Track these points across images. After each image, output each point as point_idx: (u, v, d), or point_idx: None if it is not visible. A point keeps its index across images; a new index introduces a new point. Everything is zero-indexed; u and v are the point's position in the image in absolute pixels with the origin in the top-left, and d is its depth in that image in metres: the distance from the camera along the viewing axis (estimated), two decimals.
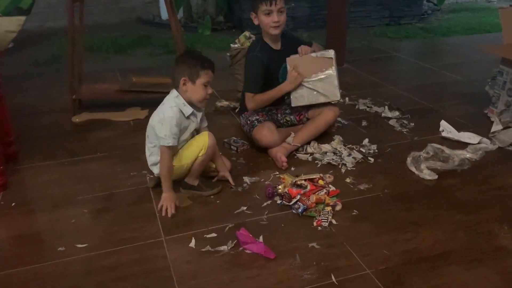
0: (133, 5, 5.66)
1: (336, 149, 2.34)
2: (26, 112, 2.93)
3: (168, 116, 1.85)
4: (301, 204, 1.85)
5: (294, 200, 1.88)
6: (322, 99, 2.35)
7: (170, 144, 1.85)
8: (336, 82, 2.32)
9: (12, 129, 2.29)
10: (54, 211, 1.89)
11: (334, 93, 2.33)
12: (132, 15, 5.71)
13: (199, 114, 2.00)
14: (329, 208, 1.83)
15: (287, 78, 2.32)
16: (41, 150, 2.43)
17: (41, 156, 2.35)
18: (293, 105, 2.39)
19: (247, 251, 1.62)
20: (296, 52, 2.33)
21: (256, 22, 2.33)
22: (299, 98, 2.37)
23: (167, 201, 1.86)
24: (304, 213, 1.83)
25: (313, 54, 2.32)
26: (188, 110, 1.91)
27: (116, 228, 1.77)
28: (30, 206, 1.95)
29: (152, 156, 1.96)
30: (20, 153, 2.33)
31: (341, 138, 2.45)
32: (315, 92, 2.34)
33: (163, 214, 1.83)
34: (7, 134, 2.25)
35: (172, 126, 1.85)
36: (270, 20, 2.26)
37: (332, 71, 2.31)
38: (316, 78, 2.32)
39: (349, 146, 2.39)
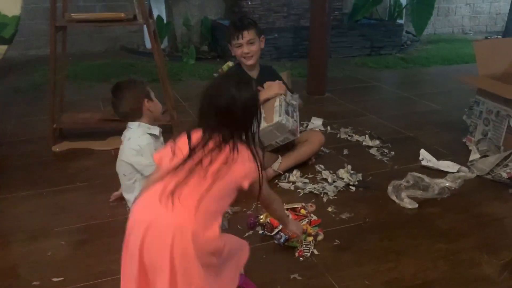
0: (117, 34, 5.69)
1: (344, 178, 2.35)
2: (5, 140, 2.88)
3: (145, 144, 1.85)
4: (283, 234, 1.83)
5: (276, 230, 1.87)
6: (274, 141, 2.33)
7: None
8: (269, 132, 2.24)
9: None
10: (30, 243, 1.84)
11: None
12: (116, 44, 5.74)
13: (161, 136, 2.02)
14: (311, 238, 1.83)
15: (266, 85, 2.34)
16: (19, 179, 2.38)
17: (19, 186, 2.30)
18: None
19: None
20: None
21: (232, 53, 2.42)
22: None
23: None
24: (286, 243, 1.81)
25: (277, 107, 2.24)
26: (155, 130, 1.93)
27: (93, 260, 1.73)
28: (6, 237, 1.90)
29: (133, 192, 1.92)
30: None
31: (350, 167, 2.45)
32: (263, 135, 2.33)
33: None
34: None
35: (152, 152, 1.83)
36: (241, 52, 2.34)
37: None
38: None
39: (352, 172, 2.42)
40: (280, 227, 1.87)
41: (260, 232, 1.90)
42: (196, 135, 1.29)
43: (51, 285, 1.59)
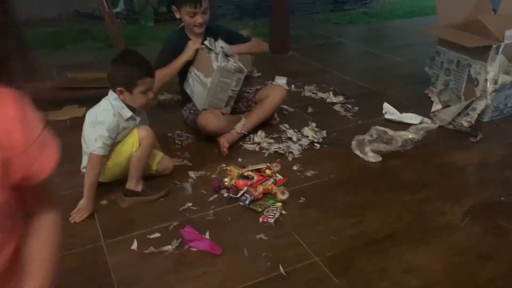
0: None
1: (308, 136, 2.32)
2: None
3: (100, 121, 1.73)
4: (248, 196, 1.81)
5: (241, 192, 1.84)
6: (193, 100, 2.31)
7: (96, 152, 1.73)
8: (204, 95, 2.20)
9: None
10: None
11: (200, 103, 2.26)
12: (70, 9, 5.43)
13: (140, 117, 1.87)
14: (279, 204, 1.79)
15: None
16: None
17: None
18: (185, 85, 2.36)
19: (193, 249, 1.56)
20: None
21: (177, 16, 2.27)
22: (186, 85, 2.35)
23: (83, 210, 1.74)
24: (251, 205, 1.78)
25: (212, 55, 2.18)
26: (127, 113, 1.79)
27: None
28: None
29: (86, 156, 1.83)
30: None
31: (314, 124, 2.42)
32: (191, 90, 2.30)
33: (71, 220, 1.72)
34: None
35: (103, 131, 1.72)
36: (194, 21, 2.23)
37: (207, 84, 2.17)
38: (198, 76, 2.23)
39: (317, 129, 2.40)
40: (245, 189, 1.83)
41: (225, 195, 1.86)
42: None
43: None
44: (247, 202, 1.79)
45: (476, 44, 2.35)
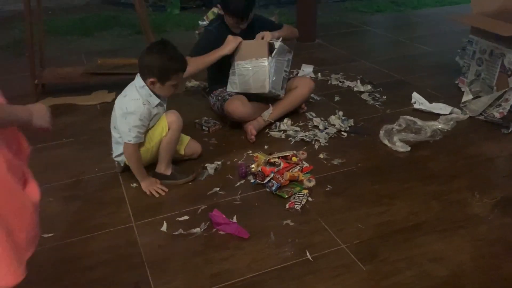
0: None
1: (335, 124, 2.32)
2: None
3: (132, 111, 1.74)
4: (275, 182, 1.82)
5: (268, 179, 1.85)
6: (251, 91, 2.25)
7: (132, 142, 1.76)
8: (266, 75, 2.18)
9: None
10: None
11: (263, 86, 2.21)
12: None
13: (165, 102, 1.89)
14: (305, 191, 1.80)
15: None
16: None
17: None
18: (227, 90, 2.31)
19: (221, 232, 1.59)
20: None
21: (221, 11, 2.29)
22: (232, 85, 2.28)
23: (149, 187, 1.82)
24: (277, 191, 1.80)
25: (253, 41, 2.22)
26: (155, 101, 1.80)
27: (84, 215, 1.71)
28: None
29: (118, 145, 1.87)
30: None
31: (341, 113, 2.42)
32: (245, 81, 2.24)
33: (157, 196, 1.80)
34: None
35: (135, 121, 1.75)
36: (234, 22, 2.26)
37: (264, 63, 2.17)
38: (249, 64, 2.20)
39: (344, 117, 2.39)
40: (272, 175, 1.85)
41: (252, 181, 1.88)
42: None
43: (42, 241, 1.55)
44: (274, 189, 1.80)
45: (511, 33, 2.28)
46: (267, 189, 1.82)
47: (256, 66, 2.19)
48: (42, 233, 1.59)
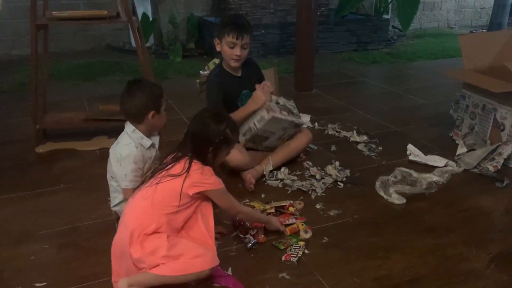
0: (103, 32, 5.61)
1: (332, 174, 2.34)
2: None
3: (125, 156, 1.76)
4: (252, 239, 1.79)
5: (250, 234, 1.82)
6: (252, 123, 2.28)
7: (129, 187, 1.77)
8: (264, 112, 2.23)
9: None
10: (13, 247, 1.79)
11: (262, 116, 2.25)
12: (101, 42, 5.66)
13: (157, 140, 1.91)
14: (302, 243, 1.78)
15: (252, 97, 2.31)
16: (1, 182, 2.33)
17: (1, 189, 2.25)
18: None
19: (216, 285, 1.57)
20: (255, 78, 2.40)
21: (218, 48, 2.35)
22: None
23: None
24: (254, 247, 1.77)
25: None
26: (147, 142, 1.82)
27: (77, 264, 1.70)
28: None
29: (119, 194, 1.87)
30: None
31: (337, 163, 2.44)
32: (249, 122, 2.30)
33: None
34: None
35: (130, 164, 1.77)
36: (232, 53, 2.29)
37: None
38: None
39: (340, 168, 2.42)
40: (255, 231, 1.83)
41: (249, 245, 1.80)
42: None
43: None
44: (249, 246, 1.77)
45: (502, 90, 2.36)
46: (246, 245, 1.78)
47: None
48: (34, 281, 1.59)
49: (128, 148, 1.78)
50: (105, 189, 2.06)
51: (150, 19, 5.25)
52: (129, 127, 1.83)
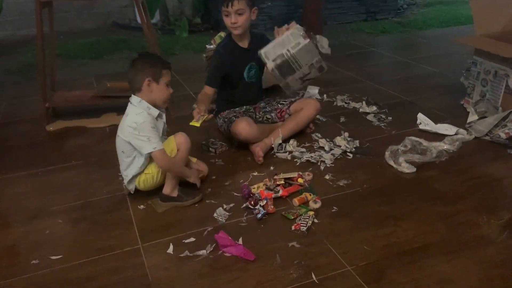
0: (108, 10, 5.58)
1: (341, 145, 2.33)
2: None
3: (141, 122, 1.79)
4: (262, 209, 1.81)
5: (260, 204, 1.83)
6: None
7: (158, 148, 1.78)
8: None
9: None
10: (28, 223, 1.83)
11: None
12: (107, 20, 5.63)
13: (164, 115, 1.94)
14: (311, 213, 1.80)
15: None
16: (13, 160, 2.36)
17: (14, 166, 2.29)
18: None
19: (227, 254, 1.60)
20: None
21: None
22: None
23: (196, 177, 1.97)
24: (264, 217, 1.78)
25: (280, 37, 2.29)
26: (155, 112, 1.85)
27: (91, 237, 1.73)
28: (4, 218, 1.90)
29: (131, 169, 1.88)
30: None
31: (347, 134, 2.43)
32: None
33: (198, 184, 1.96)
34: None
35: (150, 129, 1.79)
36: (228, 21, 2.28)
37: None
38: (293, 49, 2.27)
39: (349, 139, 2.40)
40: (265, 202, 1.84)
41: (243, 205, 1.85)
42: None
43: (50, 263, 1.59)
44: (259, 216, 1.78)
45: None
46: (255, 216, 1.79)
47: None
48: (50, 255, 1.63)
49: (142, 115, 1.81)
50: (115, 165, 2.09)
51: None
52: (134, 98, 1.86)
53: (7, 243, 1.73)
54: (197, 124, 2.01)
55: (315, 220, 1.77)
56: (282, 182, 1.99)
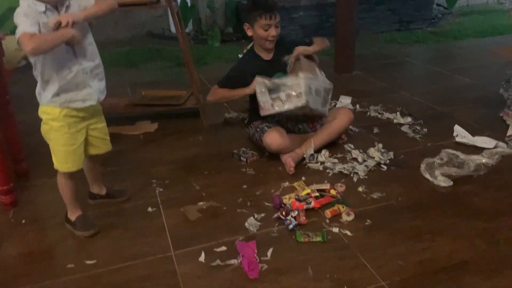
0: (143, 20, 5.70)
1: (374, 157, 2.29)
2: (36, 129, 2.91)
3: (17, 12, 1.52)
4: (293, 220, 1.79)
5: (291, 215, 1.82)
6: (290, 106, 2.20)
7: (28, 31, 1.47)
8: (302, 87, 2.16)
9: (23, 146, 2.30)
10: (63, 228, 1.87)
11: (300, 98, 2.16)
12: (142, 30, 5.76)
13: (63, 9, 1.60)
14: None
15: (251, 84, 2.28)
16: (51, 166, 2.41)
17: (51, 172, 2.32)
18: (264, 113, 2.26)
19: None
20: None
21: (249, 33, 2.35)
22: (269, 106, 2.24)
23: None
24: (297, 230, 1.76)
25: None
26: (41, 7, 1.54)
27: (125, 243, 1.75)
28: (40, 223, 1.95)
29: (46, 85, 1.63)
30: (30, 170, 2.34)
31: (381, 145, 2.39)
32: (282, 99, 2.22)
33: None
34: (18, 152, 2.26)
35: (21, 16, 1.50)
36: (268, 34, 2.28)
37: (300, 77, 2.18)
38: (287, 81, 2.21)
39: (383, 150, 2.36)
40: (297, 213, 1.82)
41: (290, 227, 1.79)
42: None
43: (85, 268, 1.62)
44: (290, 227, 1.77)
45: None
46: (288, 226, 1.78)
47: (292, 82, 2.19)
48: (85, 259, 1.65)
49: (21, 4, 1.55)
50: (149, 172, 2.13)
51: (189, 4, 5.28)
52: None
53: (43, 247, 1.78)
54: None
55: (349, 233, 1.74)
56: (317, 194, 1.96)
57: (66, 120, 1.70)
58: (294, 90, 2.18)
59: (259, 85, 2.23)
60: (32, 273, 1.62)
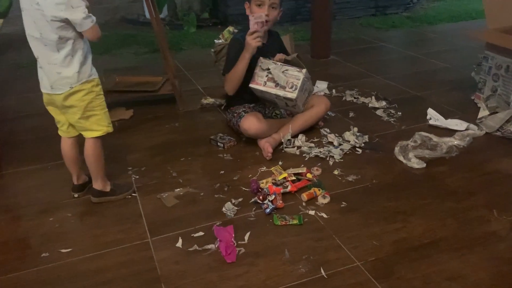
0: (117, 5, 5.58)
1: (350, 140, 2.31)
2: (9, 116, 2.87)
3: None
4: (271, 204, 1.80)
5: (268, 199, 1.82)
6: (277, 91, 2.22)
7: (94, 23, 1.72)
8: (299, 84, 2.19)
9: None
10: (38, 216, 1.85)
11: (292, 93, 2.20)
12: (116, 15, 5.64)
13: None
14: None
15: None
16: (24, 154, 2.38)
17: (25, 160, 2.30)
18: (254, 81, 2.26)
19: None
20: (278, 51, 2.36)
21: (248, 12, 2.29)
22: (260, 78, 2.25)
23: None
24: (274, 214, 1.77)
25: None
26: None
27: (101, 231, 1.74)
28: (14, 212, 1.91)
29: (71, 66, 1.80)
30: (3, 158, 2.28)
31: (356, 129, 2.41)
32: (276, 81, 2.23)
33: None
34: None
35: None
36: (260, 12, 2.24)
37: (301, 74, 2.22)
38: (288, 68, 2.22)
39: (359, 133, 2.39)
40: (274, 197, 1.83)
41: (252, 200, 1.84)
42: None
43: (60, 256, 1.61)
44: (267, 211, 1.78)
45: None
46: (264, 210, 1.79)
47: (293, 73, 2.21)
48: (60, 248, 1.64)
49: None
50: (124, 159, 2.10)
51: None
52: None
53: (17, 236, 1.75)
54: None
55: (324, 215, 1.76)
56: (293, 178, 1.98)
57: (99, 86, 1.91)
58: (291, 80, 2.20)
59: (264, 63, 2.23)
60: (5, 263, 1.59)
